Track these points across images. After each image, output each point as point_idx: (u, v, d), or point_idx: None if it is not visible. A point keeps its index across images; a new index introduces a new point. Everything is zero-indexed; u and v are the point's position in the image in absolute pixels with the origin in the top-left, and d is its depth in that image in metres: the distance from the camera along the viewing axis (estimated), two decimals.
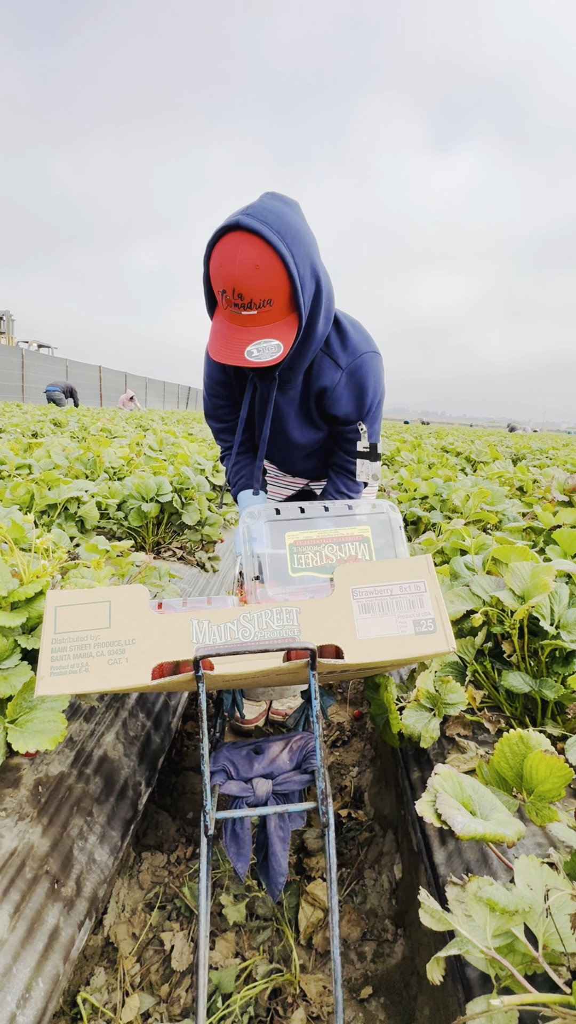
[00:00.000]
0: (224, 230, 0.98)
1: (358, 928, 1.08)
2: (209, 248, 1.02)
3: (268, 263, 0.96)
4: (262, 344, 1.02)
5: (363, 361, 1.23)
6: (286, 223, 0.99)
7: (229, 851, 0.83)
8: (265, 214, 0.98)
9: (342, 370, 1.23)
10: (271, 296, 0.99)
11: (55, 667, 0.68)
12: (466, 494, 2.21)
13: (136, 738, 1.20)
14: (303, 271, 1.01)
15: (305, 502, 0.84)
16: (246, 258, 0.96)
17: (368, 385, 1.25)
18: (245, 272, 0.97)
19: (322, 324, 1.12)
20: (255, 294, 0.99)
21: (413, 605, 0.71)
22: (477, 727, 1.09)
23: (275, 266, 0.97)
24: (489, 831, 0.66)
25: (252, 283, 0.98)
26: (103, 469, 2.42)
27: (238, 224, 0.96)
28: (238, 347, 1.03)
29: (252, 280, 0.97)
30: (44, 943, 0.77)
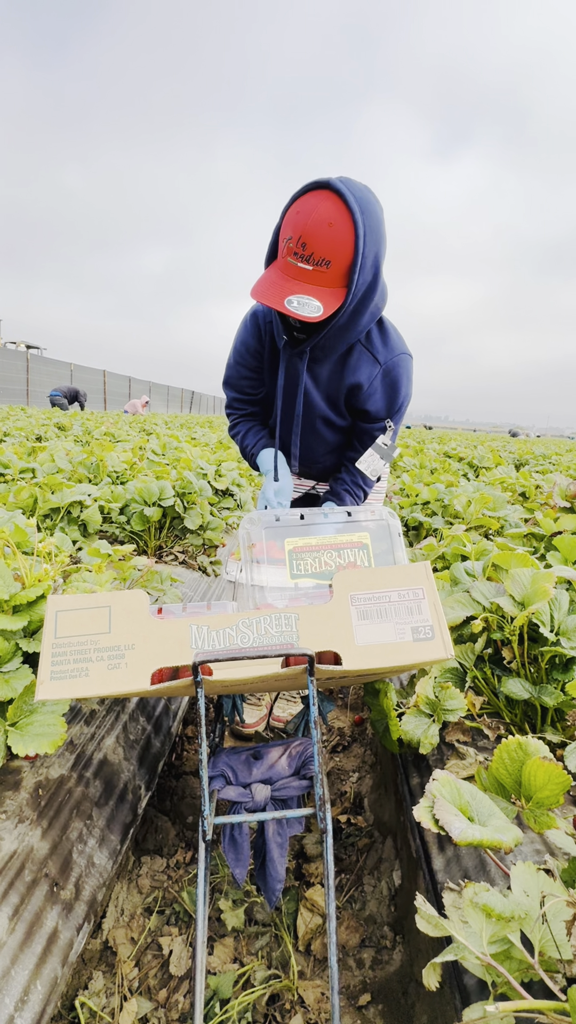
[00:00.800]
0: (314, 185, 1.02)
1: (357, 935, 1.08)
2: (293, 199, 1.05)
3: (341, 226, 0.99)
4: (304, 299, 1.03)
5: (400, 360, 1.27)
6: (369, 205, 1.03)
7: (227, 856, 0.84)
8: (356, 188, 1.02)
9: (380, 366, 1.27)
10: (331, 258, 1.01)
11: (55, 671, 0.69)
12: (468, 500, 2.21)
13: (136, 742, 1.21)
14: (368, 252, 1.03)
15: (305, 508, 0.85)
16: (324, 213, 0.99)
17: (402, 384, 1.29)
18: (318, 225, 0.99)
19: (367, 316, 1.14)
20: (318, 249, 1.01)
21: (411, 612, 0.71)
22: (477, 733, 1.09)
23: (346, 232, 1.00)
24: (487, 837, 0.66)
25: (320, 238, 1.00)
26: (106, 473, 2.43)
27: (329, 183, 1.00)
28: (281, 293, 1.04)
29: (321, 235, 1.00)
30: (43, 946, 0.78)
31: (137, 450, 3.28)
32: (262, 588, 0.81)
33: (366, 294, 1.10)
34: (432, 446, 6.54)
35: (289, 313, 1.03)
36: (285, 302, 1.03)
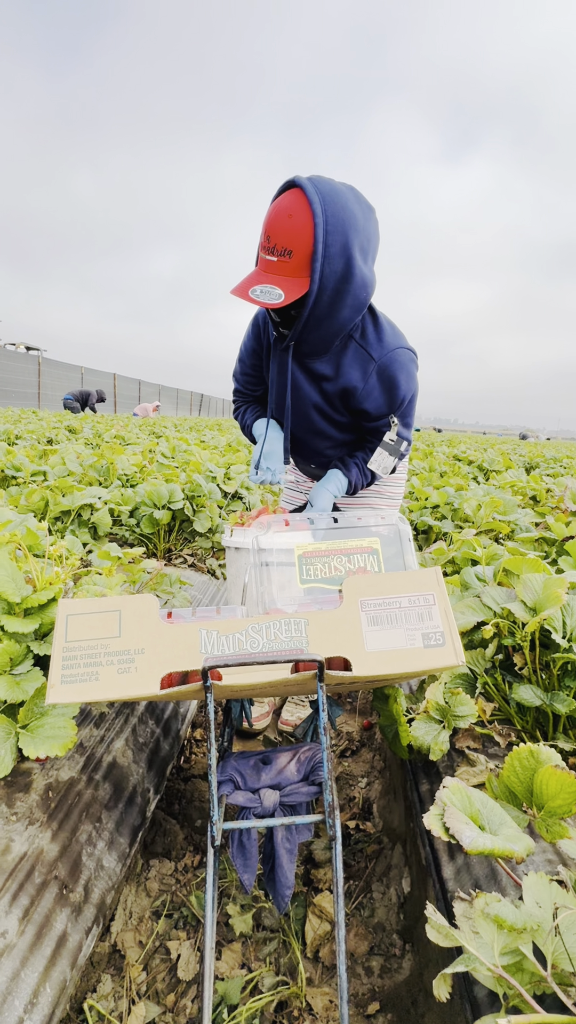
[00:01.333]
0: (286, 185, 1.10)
1: (365, 942, 1.07)
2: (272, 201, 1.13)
3: (300, 216, 1.05)
4: (267, 288, 1.08)
5: (396, 356, 1.25)
6: (336, 198, 1.06)
7: (235, 862, 0.83)
8: (322, 183, 1.07)
9: (374, 362, 1.26)
10: (292, 247, 1.06)
11: (66, 675, 0.69)
12: (478, 503, 2.20)
13: (145, 745, 1.21)
14: (331, 240, 1.06)
15: (314, 513, 0.84)
16: (285, 206, 1.06)
17: (400, 380, 1.27)
18: (280, 217, 1.06)
19: (348, 308, 1.15)
20: (280, 240, 1.07)
21: (422, 618, 0.71)
22: (487, 740, 1.08)
23: (305, 221, 1.04)
24: (498, 846, 0.65)
25: (281, 229, 1.06)
26: (116, 476, 2.45)
27: (295, 181, 1.08)
28: (249, 284, 1.10)
29: (282, 226, 1.06)
30: (52, 948, 0.78)
31: (147, 453, 3.29)
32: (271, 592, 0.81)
33: (340, 284, 1.11)
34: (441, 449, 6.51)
35: (252, 301, 1.08)
36: (250, 292, 1.08)
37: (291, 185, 1.09)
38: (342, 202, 1.07)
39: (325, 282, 1.10)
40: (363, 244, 1.11)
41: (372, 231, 1.14)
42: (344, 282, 1.11)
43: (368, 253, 1.14)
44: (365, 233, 1.11)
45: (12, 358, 18.37)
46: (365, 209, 1.13)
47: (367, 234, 1.12)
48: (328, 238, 1.06)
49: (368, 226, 1.13)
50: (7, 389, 17.92)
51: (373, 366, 1.26)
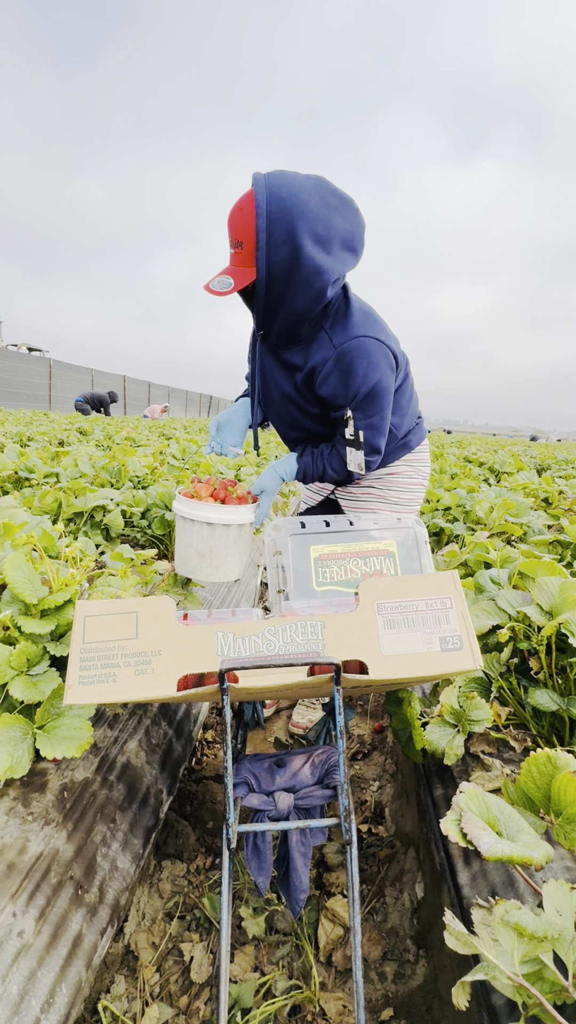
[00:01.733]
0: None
1: (379, 947, 1.07)
2: None
3: (248, 209, 1.11)
4: (222, 278, 1.16)
5: (357, 344, 1.22)
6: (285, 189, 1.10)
7: (250, 865, 0.83)
8: (274, 176, 1.13)
9: (334, 349, 1.25)
10: (242, 239, 1.13)
11: (83, 676, 0.69)
12: (490, 505, 2.18)
13: (158, 746, 1.21)
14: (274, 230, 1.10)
15: (331, 515, 0.84)
16: (238, 201, 1.13)
17: (357, 369, 1.22)
18: (233, 211, 1.14)
19: (301, 297, 1.17)
20: (233, 233, 1.15)
21: (439, 621, 0.70)
22: (502, 745, 1.07)
23: (250, 213, 1.11)
24: (516, 853, 0.64)
25: (233, 223, 1.14)
26: (128, 478, 2.46)
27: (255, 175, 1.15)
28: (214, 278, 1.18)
29: (234, 220, 1.14)
30: (68, 949, 0.78)
31: (157, 455, 3.31)
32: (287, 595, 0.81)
33: (288, 271, 1.14)
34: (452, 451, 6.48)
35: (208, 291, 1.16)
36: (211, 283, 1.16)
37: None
38: (292, 192, 1.10)
39: (272, 269, 1.13)
40: (315, 230, 1.12)
41: (335, 219, 1.14)
42: (292, 269, 1.13)
43: (328, 241, 1.14)
44: (322, 221, 1.12)
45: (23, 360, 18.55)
46: (328, 197, 1.13)
47: (325, 222, 1.13)
48: (271, 227, 1.09)
49: (329, 215, 1.13)
50: (18, 391, 18.10)
51: (333, 353, 1.25)
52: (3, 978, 0.68)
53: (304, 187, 1.11)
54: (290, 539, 0.82)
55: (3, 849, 0.80)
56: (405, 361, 1.41)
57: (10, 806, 0.87)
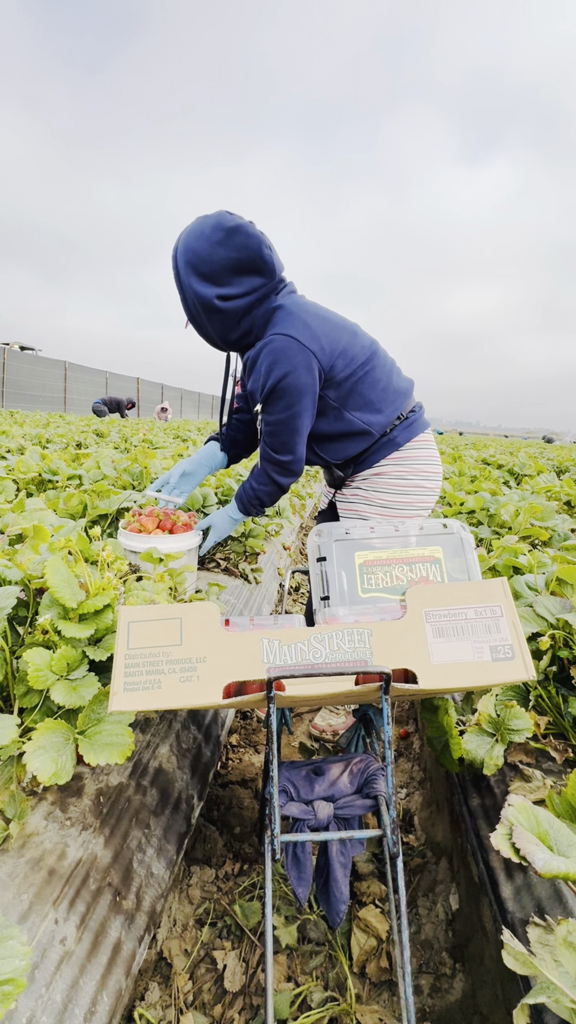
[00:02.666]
0: None
1: (413, 959, 1.05)
2: None
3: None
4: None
5: (268, 341, 1.28)
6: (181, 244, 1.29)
7: (290, 875, 0.82)
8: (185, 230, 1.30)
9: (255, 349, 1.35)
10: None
11: (128, 683, 0.69)
12: (515, 509, 2.15)
13: (188, 751, 1.21)
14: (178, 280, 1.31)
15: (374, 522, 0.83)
16: None
17: (262, 366, 1.29)
18: None
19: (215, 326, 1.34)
20: None
21: (489, 630, 0.69)
22: (540, 755, 1.04)
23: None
24: (572, 870, 0.63)
25: None
26: (149, 480, 2.47)
27: None
28: None
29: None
30: (108, 956, 0.78)
31: (176, 457, 3.32)
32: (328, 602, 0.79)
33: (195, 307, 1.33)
34: (469, 452, 6.42)
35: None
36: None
37: None
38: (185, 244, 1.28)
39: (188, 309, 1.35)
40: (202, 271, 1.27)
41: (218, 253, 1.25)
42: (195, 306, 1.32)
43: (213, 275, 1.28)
44: (205, 260, 1.26)
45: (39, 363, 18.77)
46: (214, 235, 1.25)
47: (208, 260, 1.26)
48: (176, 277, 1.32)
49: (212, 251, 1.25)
50: (35, 394, 18.32)
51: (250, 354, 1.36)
52: (47, 985, 0.68)
53: (194, 233, 1.27)
54: (334, 545, 0.81)
55: (43, 855, 0.80)
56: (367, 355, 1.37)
57: (48, 811, 0.87)
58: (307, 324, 1.28)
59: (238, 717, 1.83)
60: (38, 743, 0.73)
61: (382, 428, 1.39)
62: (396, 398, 1.41)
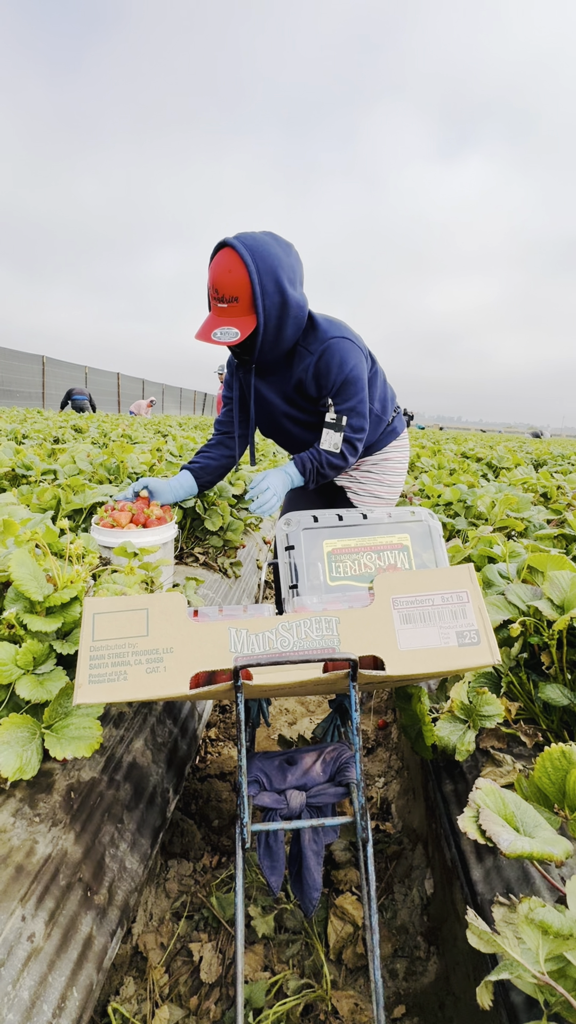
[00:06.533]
0: (219, 246, 1.37)
1: (389, 944, 1.06)
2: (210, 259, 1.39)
3: (237, 270, 1.32)
4: (225, 330, 1.35)
5: (329, 344, 1.46)
6: (261, 247, 1.33)
7: (263, 864, 0.82)
8: (247, 238, 1.34)
9: (312, 355, 1.48)
10: (237, 295, 1.34)
11: (93, 675, 0.68)
12: (491, 500, 2.18)
13: (164, 744, 1.20)
14: (265, 282, 1.33)
15: (343, 510, 0.83)
16: (224, 264, 1.33)
17: (333, 364, 1.46)
18: (221, 273, 1.33)
19: (291, 329, 1.42)
20: (226, 291, 1.34)
21: (456, 616, 0.69)
22: (511, 740, 1.06)
23: (242, 274, 1.32)
24: (536, 849, 0.64)
25: (225, 282, 1.33)
26: (126, 475, 2.44)
27: (225, 242, 1.35)
28: (209, 329, 1.37)
29: (225, 280, 1.33)
30: (78, 952, 0.77)
31: (155, 452, 3.28)
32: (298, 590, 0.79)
33: (281, 312, 1.38)
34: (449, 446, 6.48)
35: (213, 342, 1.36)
36: (211, 335, 1.36)
37: (222, 245, 1.36)
38: (266, 249, 1.34)
39: (269, 314, 1.37)
40: (290, 276, 1.38)
41: (295, 263, 1.40)
42: (283, 309, 1.38)
43: (295, 281, 1.41)
44: (289, 267, 1.38)
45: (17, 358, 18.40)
46: (285, 247, 1.39)
47: (291, 267, 1.38)
48: (263, 280, 1.33)
49: (290, 260, 1.38)
50: (11, 389, 17.95)
51: (312, 359, 1.48)
52: (14, 983, 0.67)
53: (269, 244, 1.35)
54: (303, 533, 0.81)
55: (11, 852, 0.78)
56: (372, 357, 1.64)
57: (16, 807, 0.85)
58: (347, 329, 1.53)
59: (216, 711, 1.83)
60: (2, 738, 0.71)
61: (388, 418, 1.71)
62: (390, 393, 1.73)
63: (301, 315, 1.43)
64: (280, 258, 1.35)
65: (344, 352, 1.47)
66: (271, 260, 1.34)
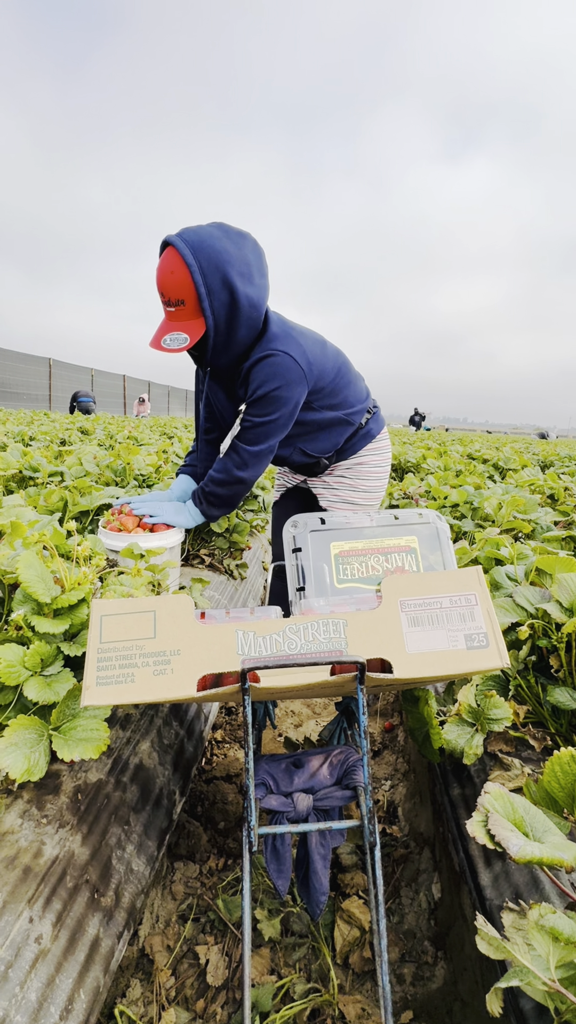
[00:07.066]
0: (161, 247, 1.28)
1: (396, 949, 1.06)
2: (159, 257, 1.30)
3: (179, 270, 1.22)
4: (175, 335, 1.27)
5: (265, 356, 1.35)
6: (205, 243, 1.22)
7: (269, 868, 0.82)
8: (189, 234, 1.24)
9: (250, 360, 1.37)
10: (182, 297, 1.25)
11: (101, 677, 0.68)
12: (498, 502, 2.17)
13: (170, 747, 1.20)
14: (211, 280, 1.23)
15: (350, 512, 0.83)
16: (166, 265, 1.24)
17: (259, 376, 1.35)
18: (164, 276, 1.24)
19: (244, 329, 1.31)
20: (170, 294, 1.25)
21: (464, 618, 0.69)
22: (520, 743, 1.05)
23: (183, 273, 1.22)
24: (546, 855, 0.63)
25: (168, 285, 1.24)
26: (132, 476, 2.45)
27: (166, 240, 1.26)
28: (159, 336, 1.29)
29: (168, 282, 1.24)
30: (85, 954, 0.77)
31: (161, 453, 3.29)
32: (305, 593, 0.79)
33: (231, 312, 1.27)
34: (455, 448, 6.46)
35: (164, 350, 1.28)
36: (161, 342, 1.28)
37: (164, 246, 1.26)
38: (211, 244, 1.22)
39: (217, 315, 1.27)
40: (241, 270, 1.25)
41: (248, 255, 1.28)
42: (234, 309, 1.27)
43: (249, 274, 1.28)
44: (241, 260, 1.26)
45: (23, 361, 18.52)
46: (236, 239, 1.27)
47: (243, 260, 1.26)
48: (208, 279, 1.22)
49: (242, 252, 1.26)
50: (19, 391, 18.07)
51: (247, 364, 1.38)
52: (22, 985, 0.67)
53: (215, 237, 1.24)
54: (310, 536, 0.80)
55: (18, 853, 0.78)
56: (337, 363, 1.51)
57: (24, 808, 0.85)
58: (298, 343, 1.39)
59: (223, 712, 1.83)
60: (10, 740, 0.71)
61: (358, 420, 1.56)
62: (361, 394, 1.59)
63: (255, 314, 1.31)
64: (228, 252, 1.23)
65: (277, 368, 1.34)
66: (216, 256, 1.22)
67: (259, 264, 1.31)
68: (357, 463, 1.62)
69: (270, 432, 1.39)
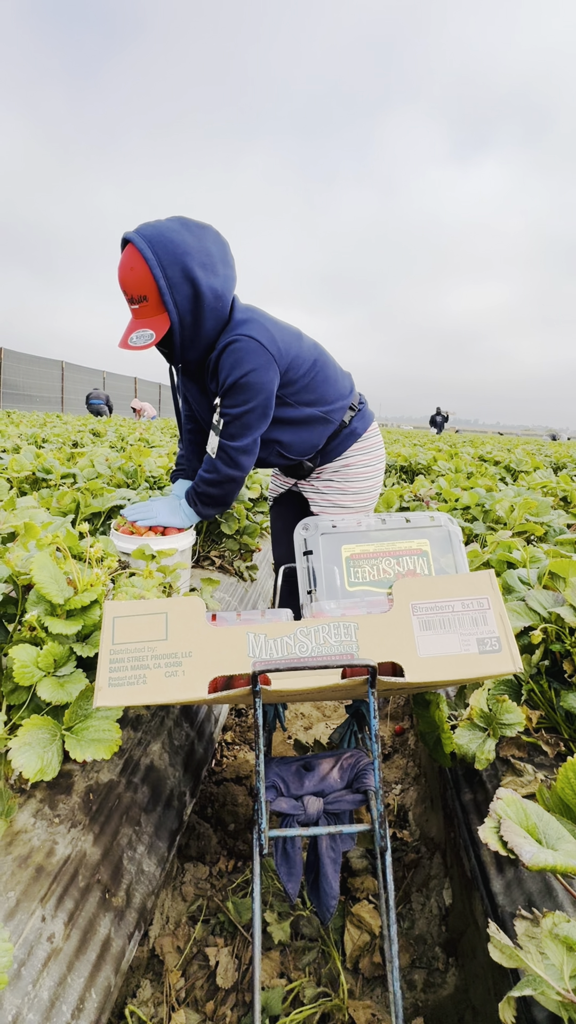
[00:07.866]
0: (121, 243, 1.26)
1: (406, 955, 1.05)
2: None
3: (139, 266, 1.20)
4: (140, 332, 1.24)
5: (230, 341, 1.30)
6: (162, 236, 1.20)
7: (280, 871, 0.82)
8: (146, 229, 1.21)
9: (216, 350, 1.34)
10: (144, 293, 1.22)
11: (113, 678, 0.68)
12: (510, 505, 2.15)
13: (181, 748, 1.20)
14: (171, 274, 1.20)
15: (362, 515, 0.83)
16: (125, 262, 1.22)
17: (227, 364, 1.31)
18: (124, 273, 1.22)
19: (210, 322, 1.29)
20: (132, 291, 1.23)
21: (476, 622, 0.68)
22: (532, 749, 1.04)
23: (143, 268, 1.20)
24: (560, 862, 0.62)
25: (129, 281, 1.22)
26: (144, 478, 2.46)
27: (125, 237, 1.24)
28: (125, 335, 1.27)
29: (128, 279, 1.22)
30: (97, 953, 0.77)
31: (172, 456, 3.31)
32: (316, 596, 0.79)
33: (195, 304, 1.25)
34: (466, 450, 6.42)
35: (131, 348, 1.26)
36: (128, 340, 1.26)
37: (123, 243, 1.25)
38: (170, 237, 1.20)
39: (181, 308, 1.24)
40: (203, 261, 1.23)
41: (210, 246, 1.25)
42: (197, 301, 1.24)
43: (211, 265, 1.25)
44: (202, 252, 1.23)
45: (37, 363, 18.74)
46: (197, 231, 1.24)
47: (205, 252, 1.24)
48: (168, 273, 1.20)
49: (204, 244, 1.24)
50: (32, 394, 18.29)
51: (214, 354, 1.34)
52: (35, 983, 0.68)
53: (174, 230, 1.22)
54: (321, 538, 0.80)
55: (31, 852, 0.79)
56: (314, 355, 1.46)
57: (37, 808, 0.86)
58: (264, 327, 1.34)
59: (232, 714, 1.83)
60: (24, 740, 0.72)
61: (339, 418, 1.49)
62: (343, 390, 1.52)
63: (220, 305, 1.28)
64: (187, 244, 1.21)
65: (242, 353, 1.30)
66: (175, 248, 1.20)
67: (222, 254, 1.29)
68: (344, 465, 1.55)
69: (249, 423, 1.35)
